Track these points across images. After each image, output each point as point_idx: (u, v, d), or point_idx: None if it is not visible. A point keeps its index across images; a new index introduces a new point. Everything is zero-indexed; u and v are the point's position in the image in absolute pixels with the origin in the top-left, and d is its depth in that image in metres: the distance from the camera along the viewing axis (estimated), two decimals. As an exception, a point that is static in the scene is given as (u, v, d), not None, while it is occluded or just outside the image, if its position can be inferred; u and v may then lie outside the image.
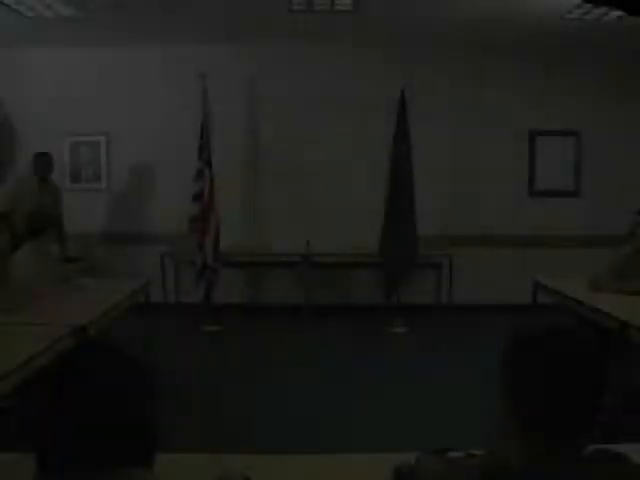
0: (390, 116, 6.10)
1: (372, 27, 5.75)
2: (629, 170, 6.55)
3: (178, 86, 6.36)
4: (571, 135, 6.59)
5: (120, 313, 3.87)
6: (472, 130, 6.54)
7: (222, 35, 6.09)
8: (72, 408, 0.92)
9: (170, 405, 3.73)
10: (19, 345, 2.81)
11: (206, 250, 5.78)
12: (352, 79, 6.38)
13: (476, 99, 6.50)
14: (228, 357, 5.14)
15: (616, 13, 4.90)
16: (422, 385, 4.42)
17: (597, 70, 6.49)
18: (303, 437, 3.47)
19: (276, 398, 4.17)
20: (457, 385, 4.32)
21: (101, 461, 0.92)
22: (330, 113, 6.40)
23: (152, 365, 1.05)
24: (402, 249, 5.88)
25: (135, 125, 6.47)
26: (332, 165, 6.52)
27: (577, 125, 6.57)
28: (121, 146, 6.50)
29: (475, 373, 4.04)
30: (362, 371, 4.74)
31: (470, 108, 6.51)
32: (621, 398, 3.34)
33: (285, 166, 6.45)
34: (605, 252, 4.49)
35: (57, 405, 0.93)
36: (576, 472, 1.03)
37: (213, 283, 5.88)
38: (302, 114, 6.40)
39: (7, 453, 1.67)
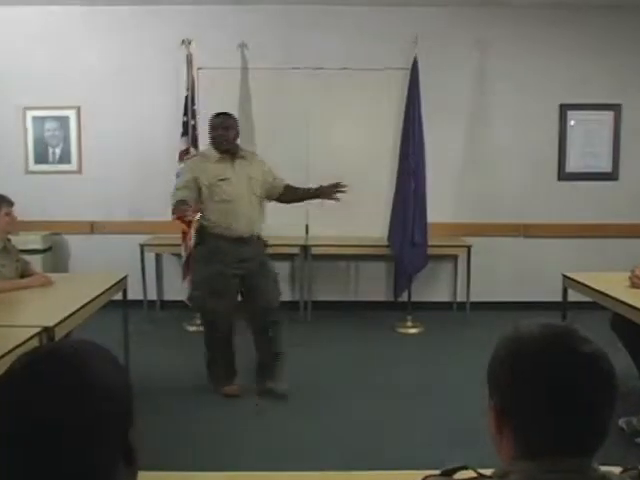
0: (401, 87, 6.04)
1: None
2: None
3: (160, 53, 6.29)
4: (609, 109, 6.52)
5: (93, 312, 3.84)
6: (493, 104, 6.48)
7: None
8: (35, 421, 0.88)
9: (150, 416, 3.72)
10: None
11: (192, 240, 5.73)
12: (356, 45, 6.32)
13: (498, 69, 6.43)
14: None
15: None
16: (435, 393, 4.40)
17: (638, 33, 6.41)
18: (297, 452, 3.46)
19: (267, 408, 4.15)
20: (474, 394, 4.29)
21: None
22: (332, 85, 6.34)
23: (130, 370, 1.02)
24: (413, 238, 5.84)
25: (110, 97, 6.41)
26: (334, 143, 6.46)
27: (616, 97, 6.49)
28: (94, 121, 6.44)
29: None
30: (367, 377, 4.71)
31: (491, 79, 6.45)
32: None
33: (281, 143, 6.38)
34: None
35: (15, 419, 0.89)
36: None
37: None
38: (300, 85, 6.34)
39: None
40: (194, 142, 5.81)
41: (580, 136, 6.55)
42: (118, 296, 4.36)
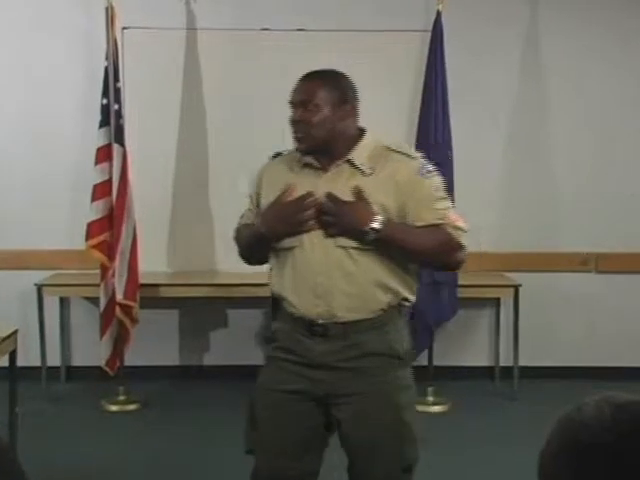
0: (418, 57, 6.09)
1: None
2: None
3: (66, 4, 6.32)
4: None
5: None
6: (550, 80, 6.53)
7: None
8: None
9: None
10: None
11: (115, 279, 5.74)
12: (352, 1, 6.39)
13: (557, 29, 6.49)
14: (146, 453, 5.11)
15: None
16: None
17: None
18: None
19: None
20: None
21: None
22: (318, 53, 6.34)
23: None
24: (435, 275, 5.82)
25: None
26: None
27: None
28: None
29: None
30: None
31: (547, 44, 6.50)
32: None
33: (243, 133, 6.38)
34: None
35: None
36: None
37: (128, 333, 5.83)
38: (272, 53, 6.36)
39: None
40: (119, 136, 5.79)
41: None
42: (2, 361, 4.33)
